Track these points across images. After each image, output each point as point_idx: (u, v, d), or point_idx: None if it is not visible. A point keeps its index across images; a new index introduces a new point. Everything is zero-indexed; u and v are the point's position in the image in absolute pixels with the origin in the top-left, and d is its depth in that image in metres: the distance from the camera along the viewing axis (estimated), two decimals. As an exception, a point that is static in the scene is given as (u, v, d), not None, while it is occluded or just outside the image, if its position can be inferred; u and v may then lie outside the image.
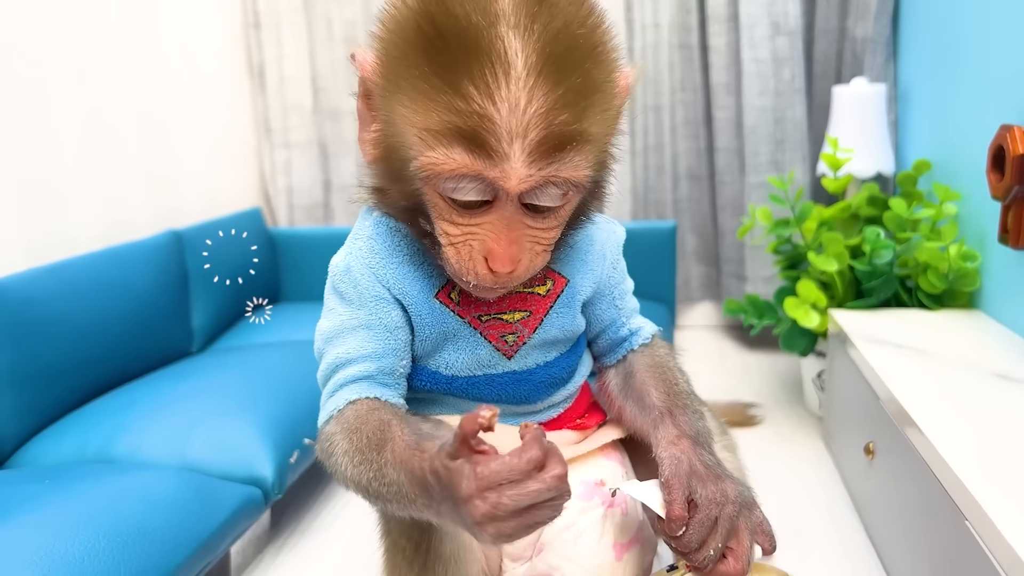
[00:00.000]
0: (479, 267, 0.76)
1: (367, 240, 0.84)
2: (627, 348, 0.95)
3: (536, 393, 0.90)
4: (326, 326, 0.84)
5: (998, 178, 1.30)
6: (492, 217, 0.74)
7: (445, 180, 0.71)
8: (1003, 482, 0.84)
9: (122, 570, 0.94)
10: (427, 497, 0.68)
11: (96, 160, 1.71)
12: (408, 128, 0.71)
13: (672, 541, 0.74)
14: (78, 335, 1.45)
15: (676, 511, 0.74)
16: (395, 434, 0.74)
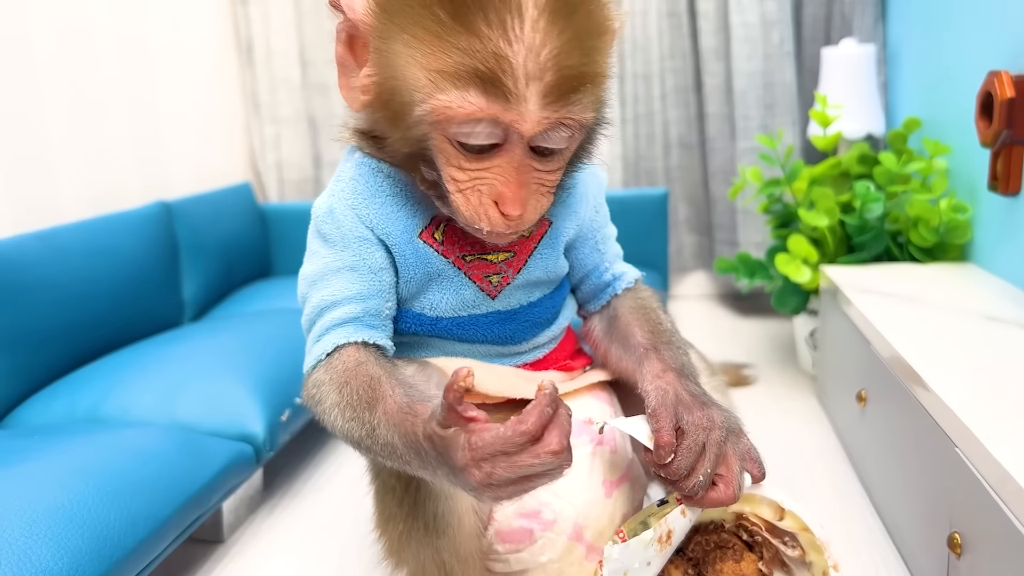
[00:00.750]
0: (490, 212, 0.75)
1: (349, 181, 0.83)
2: (611, 293, 0.95)
3: (521, 333, 0.90)
4: (309, 269, 0.84)
5: (986, 124, 1.29)
6: (501, 161, 0.73)
7: (458, 124, 0.69)
8: (992, 411, 0.83)
9: (111, 518, 0.94)
10: (421, 460, 0.68)
11: (84, 132, 1.70)
12: (414, 70, 0.69)
13: (661, 470, 0.74)
14: (67, 301, 1.44)
15: (664, 438, 0.74)
16: (385, 392, 0.74)
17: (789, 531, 0.78)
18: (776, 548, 0.79)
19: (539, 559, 0.89)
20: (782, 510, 0.78)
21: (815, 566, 0.76)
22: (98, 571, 0.88)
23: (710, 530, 0.82)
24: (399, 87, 0.71)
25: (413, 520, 0.85)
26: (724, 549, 0.81)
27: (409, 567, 0.88)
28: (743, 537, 0.81)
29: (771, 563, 0.80)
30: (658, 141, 2.27)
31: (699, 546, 0.82)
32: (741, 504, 0.80)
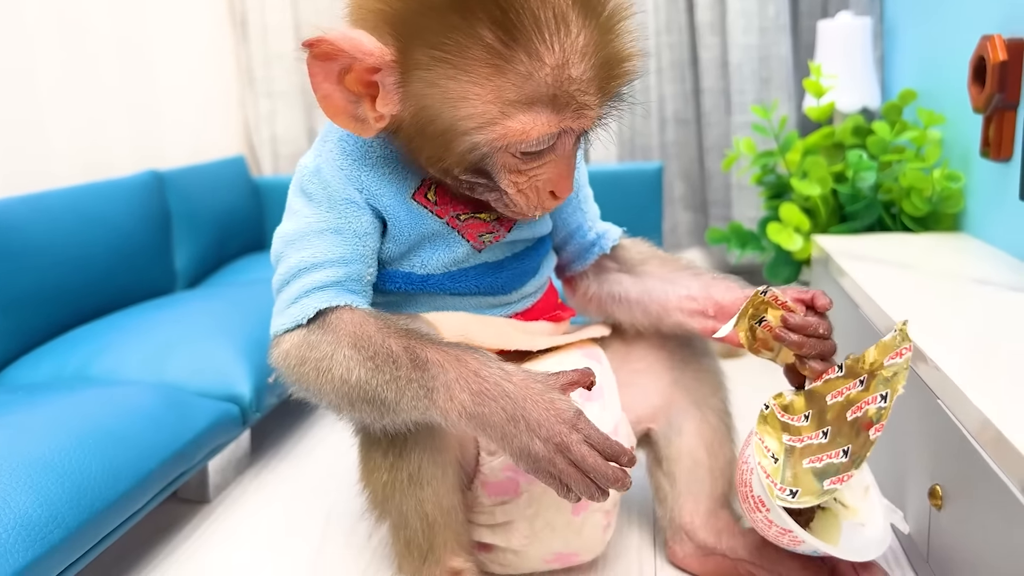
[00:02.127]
0: (546, 201, 0.79)
1: (337, 142, 0.82)
2: (597, 251, 0.96)
3: (509, 283, 0.90)
4: (289, 228, 0.82)
5: (979, 90, 1.28)
6: (555, 154, 0.76)
7: (530, 142, 0.71)
8: (976, 366, 0.83)
9: (93, 469, 0.94)
10: (487, 397, 0.70)
11: (77, 100, 1.70)
12: (471, 102, 0.69)
13: (820, 325, 0.81)
14: (56, 266, 1.44)
15: (821, 292, 0.83)
16: (425, 341, 0.74)
17: None
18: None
19: (525, 511, 0.89)
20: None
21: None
22: (78, 520, 0.88)
23: None
24: (447, 119, 0.71)
25: (397, 471, 0.85)
26: None
27: (392, 519, 0.88)
28: None
29: None
30: (654, 117, 2.26)
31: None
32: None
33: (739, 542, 0.92)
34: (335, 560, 1.05)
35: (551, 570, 0.96)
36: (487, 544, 0.93)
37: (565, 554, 0.93)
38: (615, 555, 1.01)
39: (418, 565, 0.88)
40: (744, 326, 0.81)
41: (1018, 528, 0.64)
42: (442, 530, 0.86)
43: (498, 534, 0.91)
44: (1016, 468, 0.65)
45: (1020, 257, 1.21)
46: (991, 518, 0.70)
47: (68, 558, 0.87)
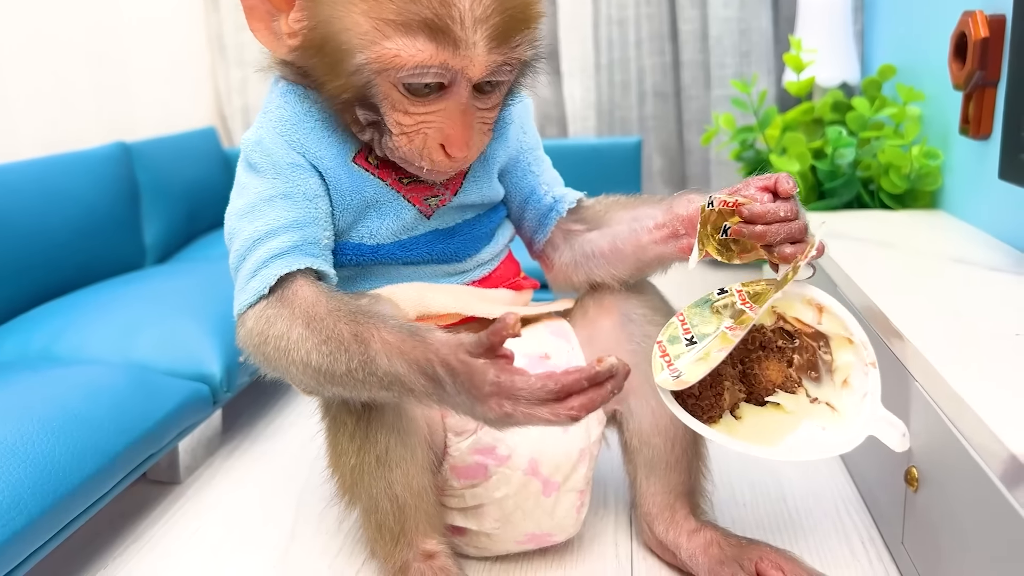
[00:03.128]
0: (435, 154, 0.76)
1: (276, 110, 0.80)
2: (555, 216, 0.94)
3: (462, 249, 0.89)
4: (239, 204, 0.80)
5: (960, 66, 1.27)
6: (446, 103, 0.73)
7: (407, 71, 0.69)
8: (953, 346, 0.82)
9: (57, 452, 0.91)
10: (434, 385, 0.67)
11: (39, 68, 1.64)
12: (355, 17, 0.69)
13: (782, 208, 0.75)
14: (20, 241, 1.40)
15: (785, 175, 0.77)
16: (375, 323, 0.71)
17: (825, 334, 0.79)
18: (814, 351, 0.79)
19: (494, 494, 0.88)
20: (822, 310, 0.79)
21: (839, 372, 0.78)
22: (42, 505, 0.85)
23: (753, 331, 0.80)
24: (337, 34, 0.70)
25: (364, 454, 0.83)
26: (768, 349, 0.80)
27: (362, 503, 0.86)
28: (777, 343, 0.80)
29: (800, 370, 0.79)
30: (633, 89, 2.23)
31: (742, 345, 0.80)
32: (782, 304, 0.81)
33: (684, 541, 0.90)
34: (309, 541, 1.03)
35: (526, 552, 0.96)
36: (460, 527, 0.92)
37: (539, 535, 0.92)
38: (591, 536, 1.00)
39: (391, 549, 0.86)
40: (711, 245, 0.79)
41: (993, 511, 0.64)
42: (413, 512, 0.85)
43: (470, 518, 0.90)
44: (992, 451, 0.64)
45: (998, 236, 1.21)
46: (967, 501, 0.70)
47: (32, 545, 0.84)
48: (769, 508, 1.04)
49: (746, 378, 0.80)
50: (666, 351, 0.77)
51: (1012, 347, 0.80)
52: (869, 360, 0.77)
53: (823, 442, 0.75)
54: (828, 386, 0.79)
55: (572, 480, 0.89)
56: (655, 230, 0.87)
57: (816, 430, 0.76)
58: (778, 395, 0.79)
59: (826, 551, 0.94)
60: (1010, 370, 0.74)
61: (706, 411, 0.77)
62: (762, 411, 0.79)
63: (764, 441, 0.76)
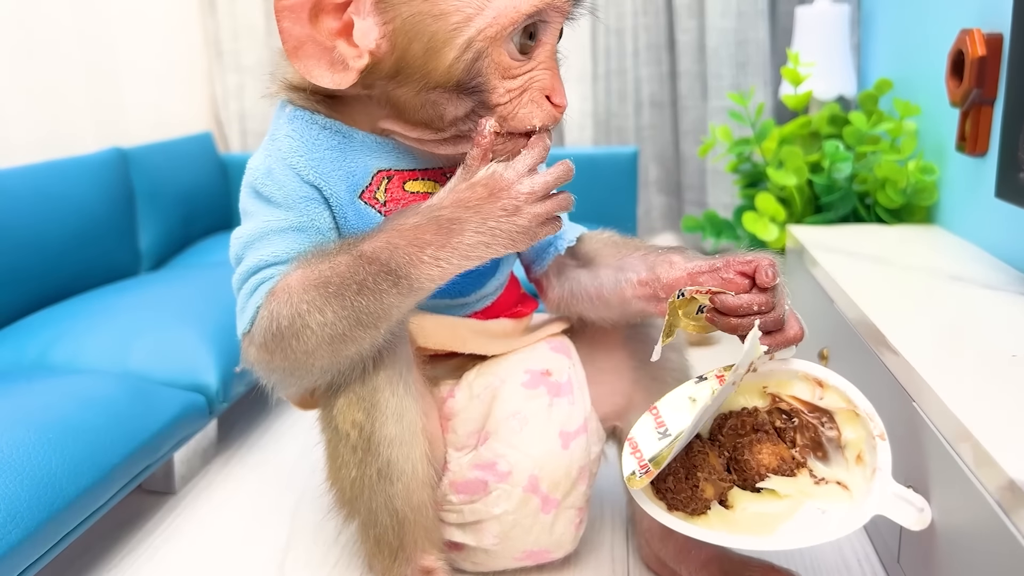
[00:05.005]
0: (545, 107, 0.75)
1: (284, 138, 0.79)
2: (553, 252, 0.93)
3: (467, 286, 0.88)
4: (247, 230, 0.79)
5: (956, 84, 1.28)
6: (540, 54, 0.74)
7: (522, 21, 0.70)
8: (951, 368, 0.83)
9: (53, 464, 0.91)
10: (445, 235, 0.69)
11: (35, 73, 1.63)
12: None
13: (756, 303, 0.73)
14: (15, 247, 1.40)
15: (765, 262, 0.74)
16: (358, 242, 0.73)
17: (827, 410, 0.76)
18: (815, 429, 0.76)
19: (493, 510, 0.88)
20: (821, 384, 0.77)
21: (850, 447, 0.75)
22: (38, 518, 0.85)
23: (744, 415, 0.79)
24: (430, 21, 0.69)
25: (365, 467, 0.83)
26: (760, 433, 0.77)
27: (361, 517, 0.86)
28: (776, 424, 0.78)
29: (804, 450, 0.77)
30: (630, 99, 2.24)
31: (733, 431, 0.78)
32: (774, 384, 0.79)
33: (683, 560, 0.90)
34: (304, 553, 1.03)
35: (524, 568, 0.96)
36: (458, 543, 0.91)
37: (537, 552, 0.92)
38: (588, 552, 1.00)
39: (389, 563, 0.86)
40: (687, 325, 0.77)
41: (990, 534, 0.64)
42: (412, 527, 0.85)
43: (468, 533, 0.90)
44: (988, 471, 0.65)
45: (994, 253, 1.21)
46: (964, 522, 0.71)
47: (28, 558, 0.84)
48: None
49: (737, 464, 0.77)
50: (637, 447, 0.75)
51: (1009, 368, 0.80)
52: (877, 432, 0.74)
53: (823, 526, 0.72)
54: (839, 464, 0.76)
55: (571, 497, 0.90)
56: (638, 286, 0.85)
57: (816, 513, 0.73)
58: (771, 480, 0.76)
59: (822, 569, 0.95)
60: (1007, 393, 0.75)
61: (686, 504, 0.75)
62: (757, 498, 0.76)
63: (759, 530, 0.73)
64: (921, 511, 0.72)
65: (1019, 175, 0.99)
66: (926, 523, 0.72)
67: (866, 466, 0.74)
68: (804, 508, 0.73)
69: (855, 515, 0.71)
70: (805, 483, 0.75)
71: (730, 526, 0.73)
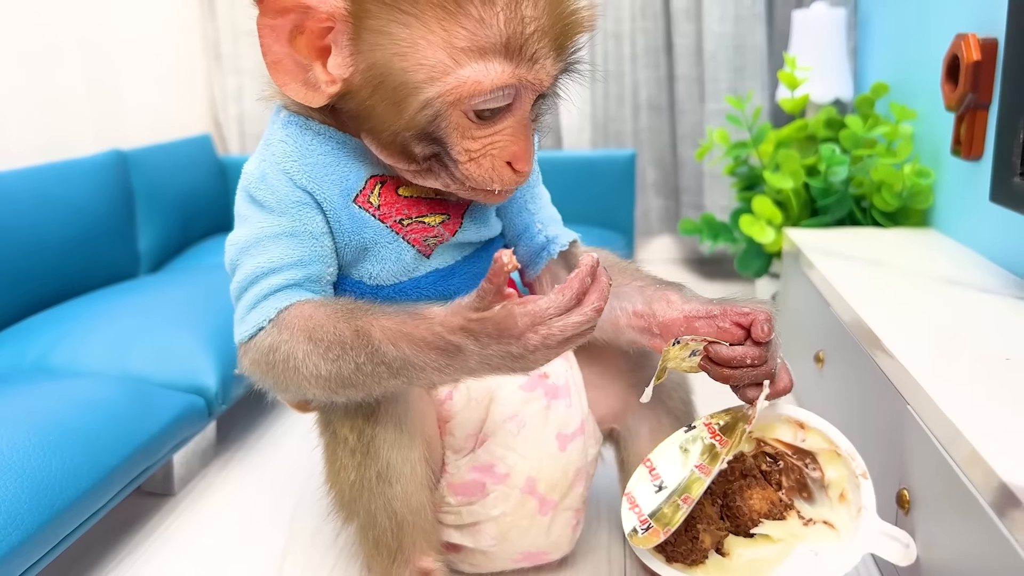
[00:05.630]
0: (504, 173, 0.75)
1: (278, 143, 0.79)
2: (546, 256, 0.92)
3: (463, 287, 0.88)
4: (242, 235, 0.79)
5: (952, 88, 1.29)
6: (510, 121, 0.73)
7: (482, 96, 0.68)
8: (946, 371, 0.84)
9: (53, 466, 0.91)
10: (449, 356, 0.68)
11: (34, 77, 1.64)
12: (422, 51, 0.67)
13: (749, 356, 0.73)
14: (14, 249, 1.40)
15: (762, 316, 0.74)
16: (370, 317, 0.72)
17: (810, 451, 0.78)
18: (800, 471, 0.78)
19: (491, 512, 0.88)
20: (802, 426, 0.78)
21: (833, 487, 0.76)
22: (38, 521, 0.85)
23: (732, 461, 0.80)
24: (399, 72, 0.68)
25: (365, 470, 0.84)
26: (749, 478, 0.79)
27: (359, 519, 0.87)
28: (761, 467, 0.80)
29: (791, 491, 0.78)
30: (628, 102, 2.25)
31: (722, 476, 0.79)
32: (759, 429, 0.80)
33: None
34: (303, 555, 1.04)
35: (521, 569, 0.96)
36: (455, 544, 0.92)
37: (534, 553, 0.92)
38: (584, 553, 1.01)
39: (387, 565, 0.87)
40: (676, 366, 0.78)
41: (983, 536, 0.65)
42: (411, 529, 0.85)
43: (466, 535, 0.90)
44: (982, 476, 0.65)
45: (988, 257, 1.22)
46: (957, 524, 0.71)
47: (28, 560, 0.84)
48: (761, 526, 1.05)
49: (729, 511, 0.78)
50: (635, 502, 0.76)
51: (1003, 371, 0.81)
52: (859, 471, 0.75)
53: (819, 567, 0.73)
54: (823, 504, 0.77)
55: (568, 499, 0.90)
56: (633, 317, 0.85)
57: (809, 555, 0.74)
58: (765, 525, 0.76)
59: (818, 570, 0.95)
60: (1001, 396, 0.76)
61: (686, 556, 0.76)
62: (751, 543, 0.76)
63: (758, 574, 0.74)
64: (907, 547, 0.74)
65: (1014, 179, 1.00)
66: (912, 559, 0.74)
67: (850, 504, 0.76)
68: (796, 551, 0.75)
69: (846, 556, 0.73)
70: (795, 525, 0.77)
71: (727, 574, 0.75)
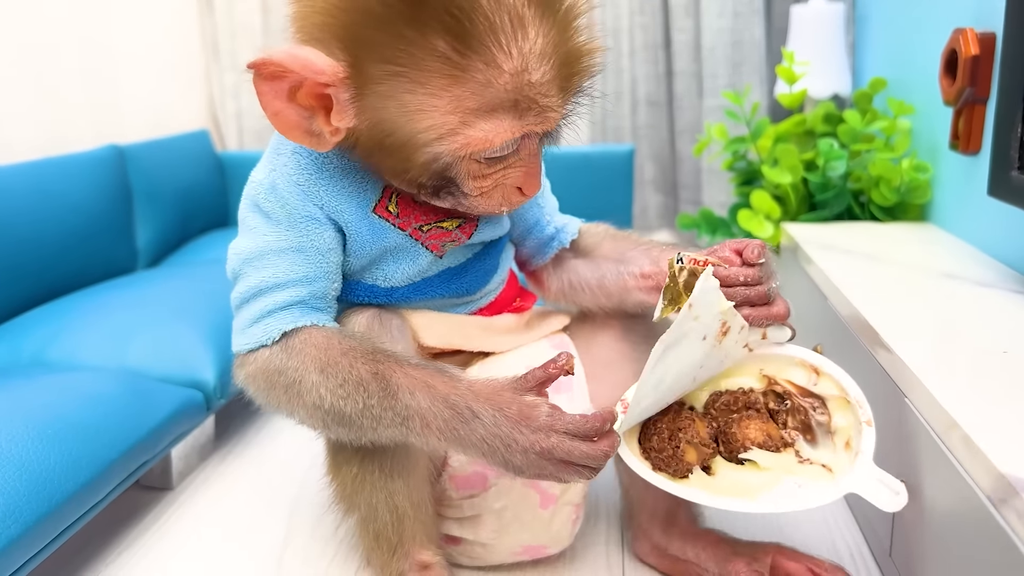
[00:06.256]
0: (513, 199, 0.77)
1: (291, 155, 0.79)
2: (556, 245, 0.95)
3: (473, 284, 0.89)
4: (247, 245, 0.79)
5: (950, 82, 1.29)
6: (521, 154, 0.74)
7: (491, 151, 0.69)
8: (943, 363, 0.84)
9: (51, 460, 0.91)
10: (460, 420, 0.69)
11: (32, 71, 1.64)
12: (431, 116, 0.67)
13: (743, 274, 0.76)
14: (11, 244, 1.40)
15: (756, 242, 0.77)
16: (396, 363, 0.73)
17: (820, 396, 0.79)
18: (806, 412, 0.79)
19: (493, 505, 0.89)
20: (817, 372, 0.80)
21: (839, 434, 0.78)
22: (37, 513, 0.86)
23: (739, 394, 0.81)
24: (406, 131, 0.68)
25: (367, 463, 0.84)
26: (751, 411, 0.80)
27: (360, 512, 0.87)
28: (769, 405, 0.81)
29: (795, 431, 0.80)
30: (625, 98, 2.24)
31: (725, 406, 0.81)
32: (772, 368, 0.82)
33: (689, 544, 0.92)
34: (302, 548, 1.04)
35: (519, 562, 0.96)
36: (455, 537, 0.92)
37: (534, 547, 0.93)
38: (583, 547, 1.01)
39: (387, 558, 0.87)
40: (681, 301, 0.78)
41: (980, 528, 0.65)
42: (412, 523, 0.86)
43: (466, 528, 0.91)
44: (978, 465, 0.65)
45: (986, 251, 1.22)
46: (954, 516, 0.71)
47: (26, 553, 0.85)
48: (759, 520, 1.05)
49: (725, 437, 0.80)
50: (626, 403, 0.77)
51: (1000, 364, 0.81)
52: (864, 418, 0.77)
53: (797, 497, 0.75)
54: (826, 448, 0.78)
55: (569, 494, 0.90)
56: (641, 278, 0.88)
57: (792, 486, 0.76)
58: (754, 452, 0.78)
59: (815, 563, 0.95)
60: (998, 388, 0.76)
61: (668, 464, 0.77)
62: (738, 468, 0.78)
63: (738, 496, 0.75)
64: (897, 494, 0.74)
65: (1011, 173, 1.00)
66: (900, 506, 0.73)
67: (853, 452, 0.77)
68: (783, 482, 0.76)
69: (828, 492, 0.74)
70: (789, 460, 0.78)
71: (710, 490, 0.76)
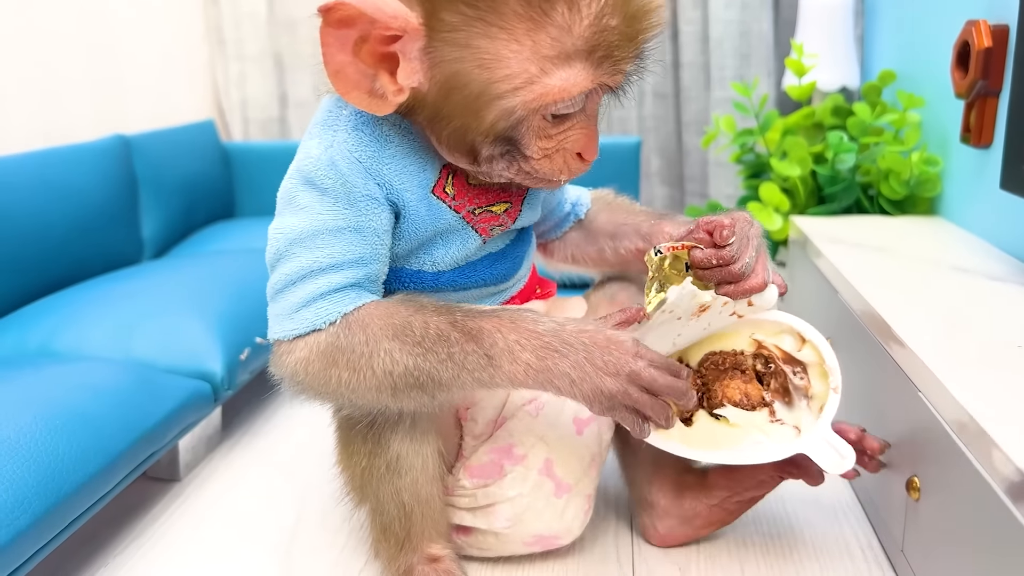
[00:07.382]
0: (573, 164, 0.76)
1: (352, 131, 0.75)
2: (572, 219, 0.99)
3: (510, 270, 0.90)
4: (296, 224, 0.75)
5: (962, 75, 1.28)
6: (582, 116, 0.73)
7: (566, 102, 0.68)
8: (955, 357, 0.83)
9: (60, 452, 0.91)
10: (549, 352, 0.70)
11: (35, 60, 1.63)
12: (506, 64, 0.65)
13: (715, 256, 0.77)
14: (17, 235, 1.40)
15: (726, 222, 0.77)
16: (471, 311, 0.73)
17: (803, 361, 0.83)
18: (786, 376, 0.83)
19: (507, 493, 0.89)
20: (803, 339, 0.84)
21: (816, 399, 0.82)
22: (45, 504, 0.85)
23: (727, 354, 0.85)
24: (480, 82, 0.67)
25: (375, 458, 0.84)
26: (736, 371, 0.84)
27: (370, 504, 0.87)
28: (756, 367, 0.85)
29: (775, 393, 0.84)
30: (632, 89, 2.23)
31: (713, 365, 0.85)
32: (763, 333, 0.85)
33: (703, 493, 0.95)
34: (310, 539, 1.04)
35: (530, 554, 0.96)
36: (467, 527, 0.92)
37: (546, 537, 0.92)
38: (592, 538, 1.01)
39: (395, 552, 0.87)
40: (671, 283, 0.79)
41: (996, 523, 0.65)
42: (419, 519, 0.86)
43: (479, 517, 0.90)
44: (994, 460, 0.65)
45: (997, 245, 1.22)
46: (969, 512, 0.71)
47: (35, 544, 0.84)
48: (768, 514, 1.05)
49: (708, 392, 0.85)
50: None
51: (1015, 359, 0.80)
52: (832, 385, 0.81)
53: (749, 451, 0.81)
54: (801, 411, 0.83)
55: (583, 483, 0.90)
56: (636, 253, 0.92)
57: (753, 443, 0.82)
58: (727, 408, 0.83)
59: (825, 557, 0.95)
60: (1013, 383, 0.75)
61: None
62: (713, 423, 0.83)
63: (703, 446, 0.81)
64: (843, 459, 0.79)
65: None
66: (843, 469, 0.79)
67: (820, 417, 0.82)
68: (748, 438, 0.82)
69: (777, 448, 0.81)
70: (760, 419, 0.84)
71: (686, 442, 0.81)
